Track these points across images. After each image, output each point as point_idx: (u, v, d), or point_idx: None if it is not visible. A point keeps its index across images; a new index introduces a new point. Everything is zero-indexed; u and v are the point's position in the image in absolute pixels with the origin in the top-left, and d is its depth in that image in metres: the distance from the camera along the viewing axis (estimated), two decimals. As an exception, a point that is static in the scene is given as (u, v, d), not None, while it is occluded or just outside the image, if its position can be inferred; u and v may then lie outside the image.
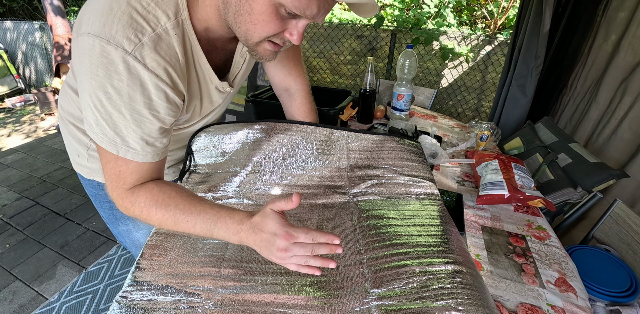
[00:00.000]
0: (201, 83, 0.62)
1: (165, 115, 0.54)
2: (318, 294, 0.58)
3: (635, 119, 1.35)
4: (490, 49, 2.89)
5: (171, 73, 0.52)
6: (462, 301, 0.53)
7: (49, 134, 3.46)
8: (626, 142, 1.39)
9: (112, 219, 0.88)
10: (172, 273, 0.61)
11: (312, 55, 3.72)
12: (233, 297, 0.57)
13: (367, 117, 1.41)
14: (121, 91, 0.48)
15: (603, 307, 0.76)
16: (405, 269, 0.60)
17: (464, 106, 3.18)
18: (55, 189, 2.47)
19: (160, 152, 0.58)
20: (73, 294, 1.58)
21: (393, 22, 3.36)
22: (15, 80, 4.46)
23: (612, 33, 1.48)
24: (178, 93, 0.55)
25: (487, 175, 0.96)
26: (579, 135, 1.63)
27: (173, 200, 0.55)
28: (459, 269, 0.60)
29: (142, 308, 0.54)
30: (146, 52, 0.47)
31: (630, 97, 1.37)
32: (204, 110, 0.70)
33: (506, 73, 1.87)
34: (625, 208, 0.99)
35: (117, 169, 0.55)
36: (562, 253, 0.75)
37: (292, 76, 0.87)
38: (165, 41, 0.50)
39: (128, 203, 0.56)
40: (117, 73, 0.47)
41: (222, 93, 0.68)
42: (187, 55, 0.55)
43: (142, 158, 0.55)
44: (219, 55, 0.64)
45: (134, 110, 0.51)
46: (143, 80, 0.49)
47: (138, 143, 0.53)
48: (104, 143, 0.53)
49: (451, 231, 0.71)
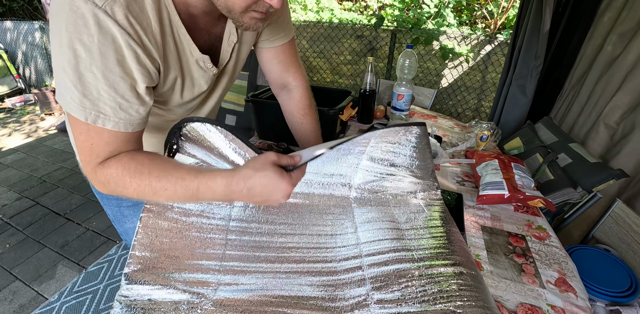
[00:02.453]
0: (180, 54, 0.58)
1: (137, 77, 0.50)
2: (318, 295, 0.58)
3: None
4: (490, 49, 2.89)
5: (141, 36, 0.49)
6: (461, 304, 0.54)
7: (49, 134, 3.46)
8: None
9: (119, 216, 0.87)
10: (170, 271, 0.60)
11: (312, 55, 3.72)
12: (232, 297, 0.57)
13: (367, 117, 1.41)
14: (91, 48, 0.45)
15: (603, 307, 0.76)
16: (405, 272, 0.60)
17: (464, 106, 3.18)
18: (55, 189, 2.47)
19: (135, 122, 0.53)
20: (73, 294, 1.58)
21: (393, 22, 3.36)
22: (15, 80, 4.46)
23: (612, 33, 1.48)
24: (151, 59, 0.52)
25: (487, 175, 0.96)
26: (578, 135, 1.63)
27: (146, 168, 0.52)
28: (458, 271, 0.61)
29: (142, 308, 0.54)
30: (117, 8, 0.45)
31: (630, 96, 1.37)
32: (186, 90, 0.65)
33: (506, 73, 1.87)
34: (625, 208, 0.99)
35: (90, 141, 0.51)
36: (562, 253, 0.75)
37: (290, 72, 0.84)
38: (139, 4, 0.47)
39: (102, 177, 0.52)
40: (87, 27, 0.44)
41: (204, 71, 0.64)
42: (164, 23, 0.52)
43: (113, 125, 0.50)
44: (203, 36, 0.61)
45: (106, 68, 0.47)
46: (115, 36, 0.46)
47: (110, 107, 0.49)
48: (72, 109, 0.48)
49: (452, 232, 0.71)
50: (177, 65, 0.59)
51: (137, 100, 0.52)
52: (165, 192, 0.52)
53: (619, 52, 1.36)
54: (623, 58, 1.33)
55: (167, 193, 0.52)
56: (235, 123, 2.27)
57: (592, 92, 1.51)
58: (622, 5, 1.36)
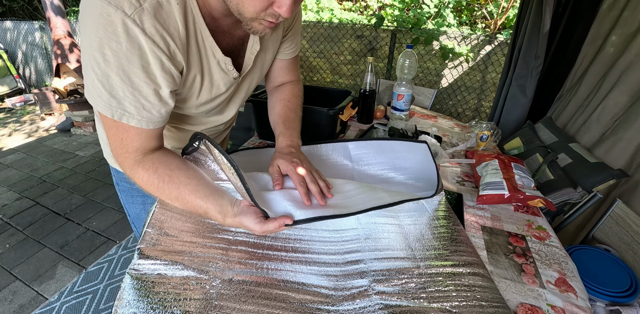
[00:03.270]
0: (202, 55, 0.61)
1: (161, 82, 0.54)
2: (321, 283, 0.60)
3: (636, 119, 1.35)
4: (490, 49, 2.89)
5: (169, 43, 0.52)
6: (457, 304, 0.56)
7: (49, 134, 3.46)
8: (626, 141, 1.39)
9: (142, 215, 0.88)
10: (181, 250, 0.62)
11: (312, 55, 3.72)
12: (239, 277, 0.59)
13: (367, 117, 1.41)
14: (119, 53, 0.48)
15: (603, 307, 0.76)
16: (406, 269, 0.62)
17: (464, 106, 3.18)
18: (55, 189, 2.48)
19: (157, 120, 0.58)
20: (73, 294, 1.58)
21: (393, 22, 3.36)
22: (15, 80, 4.46)
23: (612, 33, 1.48)
24: (175, 63, 0.55)
25: (487, 175, 0.96)
26: (578, 135, 1.63)
27: (176, 177, 0.60)
28: (458, 271, 0.62)
29: (152, 281, 0.56)
30: (145, 17, 0.48)
31: (629, 96, 1.37)
32: (204, 90, 0.66)
33: (506, 73, 1.87)
34: (625, 208, 0.99)
35: (120, 136, 0.57)
36: (562, 253, 0.75)
37: (290, 77, 0.89)
38: (166, 10, 0.50)
39: (130, 173, 0.60)
40: (116, 34, 0.47)
41: (224, 73, 0.66)
42: (189, 26, 0.55)
43: (137, 122, 0.55)
44: (226, 38, 0.63)
45: (132, 73, 0.51)
46: (141, 45, 0.49)
47: (134, 106, 0.54)
48: (99, 106, 0.53)
49: (456, 231, 0.72)
50: (199, 65, 0.62)
51: (160, 102, 0.56)
52: (178, 203, 0.61)
53: (619, 52, 1.36)
54: (624, 58, 1.33)
55: (182, 205, 0.61)
56: (235, 123, 2.26)
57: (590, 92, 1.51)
58: (623, 5, 1.36)
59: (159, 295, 0.54)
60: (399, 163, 0.88)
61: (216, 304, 0.54)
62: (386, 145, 0.90)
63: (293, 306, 0.55)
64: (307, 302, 0.56)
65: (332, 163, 0.90)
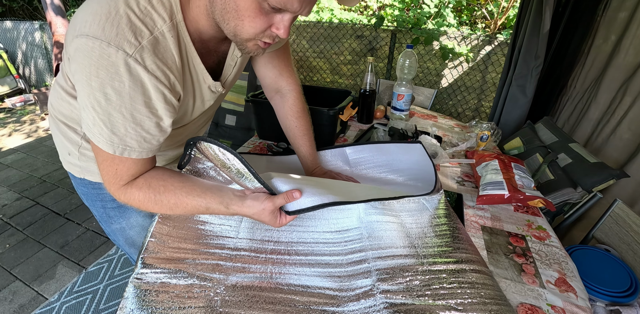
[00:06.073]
0: (194, 83, 0.63)
1: (163, 114, 0.56)
2: (325, 284, 0.60)
3: (635, 119, 1.35)
4: (490, 49, 2.89)
5: (169, 76, 0.53)
6: (462, 301, 0.55)
7: (49, 134, 3.46)
8: (625, 141, 1.39)
9: (104, 217, 0.88)
10: (184, 258, 0.63)
11: (312, 55, 3.72)
12: (243, 283, 0.59)
13: (367, 117, 1.41)
14: (122, 92, 0.49)
15: (603, 307, 0.77)
16: (410, 267, 0.62)
17: (464, 106, 3.18)
18: (55, 189, 2.48)
19: (155, 148, 0.59)
20: (73, 294, 1.58)
21: (393, 22, 3.36)
22: (15, 80, 4.45)
23: (612, 33, 1.48)
24: (175, 94, 0.56)
25: (487, 175, 0.96)
26: (578, 135, 1.63)
27: (171, 187, 0.59)
28: (461, 268, 0.62)
29: (155, 290, 0.56)
30: (146, 54, 0.49)
31: (630, 97, 1.38)
32: (195, 110, 0.70)
33: (506, 73, 1.87)
34: (625, 208, 0.99)
35: (114, 167, 0.56)
36: (562, 253, 0.75)
37: (284, 77, 0.87)
38: (162, 44, 0.51)
39: (125, 199, 0.59)
40: (118, 75, 0.47)
41: (214, 93, 0.69)
42: (182, 56, 0.56)
43: (138, 154, 0.56)
44: (212, 57, 0.65)
45: (135, 109, 0.52)
46: (143, 82, 0.50)
47: (136, 141, 0.54)
48: (101, 142, 0.53)
49: (457, 229, 0.72)
50: (192, 90, 0.64)
51: (160, 133, 0.57)
52: (179, 209, 0.60)
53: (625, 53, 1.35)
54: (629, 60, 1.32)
55: (179, 210, 0.60)
56: (235, 123, 2.26)
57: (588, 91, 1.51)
58: (634, 5, 1.35)
59: (163, 304, 0.55)
60: (397, 165, 0.89)
61: (221, 311, 0.54)
62: (382, 148, 0.91)
63: (298, 309, 0.55)
64: (312, 304, 0.56)
65: (332, 169, 0.92)
